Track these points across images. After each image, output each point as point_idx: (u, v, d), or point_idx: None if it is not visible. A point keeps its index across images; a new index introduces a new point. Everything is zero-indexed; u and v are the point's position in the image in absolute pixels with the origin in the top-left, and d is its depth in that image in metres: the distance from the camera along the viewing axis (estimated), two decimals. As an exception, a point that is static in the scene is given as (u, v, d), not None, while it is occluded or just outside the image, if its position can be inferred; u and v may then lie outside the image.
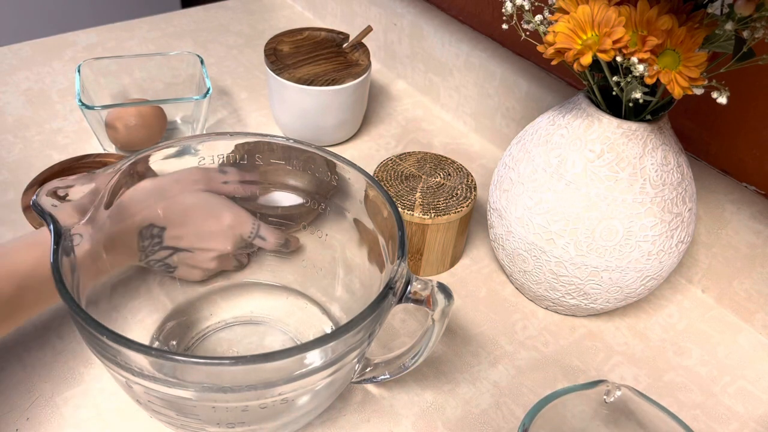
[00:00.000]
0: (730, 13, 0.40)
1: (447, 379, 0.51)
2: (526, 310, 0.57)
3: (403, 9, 0.80)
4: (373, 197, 0.46)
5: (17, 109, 0.74)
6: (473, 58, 0.73)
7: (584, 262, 0.50)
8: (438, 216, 0.55)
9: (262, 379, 0.36)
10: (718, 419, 0.50)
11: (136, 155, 0.45)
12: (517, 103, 0.70)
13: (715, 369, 0.54)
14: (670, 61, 0.42)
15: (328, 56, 0.71)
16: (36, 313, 0.46)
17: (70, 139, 0.71)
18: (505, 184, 0.53)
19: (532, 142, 0.52)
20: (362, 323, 0.37)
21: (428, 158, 0.61)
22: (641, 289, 0.52)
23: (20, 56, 0.83)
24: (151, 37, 0.89)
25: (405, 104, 0.82)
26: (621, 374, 0.53)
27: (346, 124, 0.72)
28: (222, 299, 0.54)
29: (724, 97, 0.41)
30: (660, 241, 0.49)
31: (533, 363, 0.53)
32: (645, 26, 0.41)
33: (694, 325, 0.57)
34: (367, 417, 0.48)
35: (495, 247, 0.57)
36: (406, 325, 0.55)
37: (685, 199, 0.50)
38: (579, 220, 0.49)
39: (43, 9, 1.66)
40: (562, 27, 0.42)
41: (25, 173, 0.66)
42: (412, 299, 0.41)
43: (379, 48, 0.86)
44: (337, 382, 0.41)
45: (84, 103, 0.63)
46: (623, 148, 0.47)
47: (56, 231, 0.39)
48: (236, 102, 0.79)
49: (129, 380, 0.36)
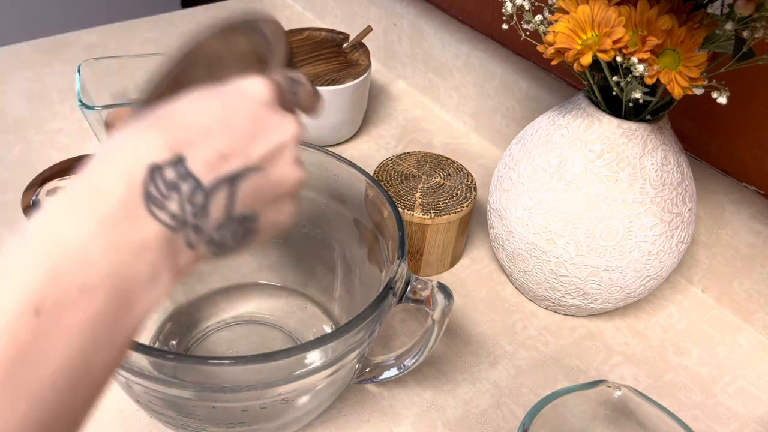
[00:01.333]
0: (730, 13, 0.40)
1: (447, 379, 0.51)
2: (526, 310, 0.57)
3: (403, 9, 0.80)
4: (373, 197, 0.46)
5: (17, 109, 0.74)
6: (473, 58, 0.73)
7: (584, 262, 0.50)
8: (438, 216, 0.55)
9: (262, 379, 0.36)
10: (718, 419, 0.50)
11: (136, 155, 0.45)
12: (517, 103, 0.70)
13: (715, 369, 0.54)
14: (670, 61, 0.42)
15: (328, 56, 0.71)
16: None
17: (70, 139, 0.71)
18: (505, 184, 0.53)
19: (532, 142, 0.52)
20: (362, 323, 0.37)
21: (428, 158, 0.61)
22: (641, 289, 0.52)
23: (20, 56, 0.83)
24: (152, 37, 0.89)
25: (405, 104, 0.82)
26: (621, 374, 0.53)
27: (346, 124, 0.72)
28: (222, 299, 0.54)
29: (724, 97, 0.41)
30: (660, 241, 0.49)
31: (533, 363, 0.53)
32: (645, 26, 0.41)
33: (694, 325, 0.57)
34: (367, 417, 0.48)
35: (495, 247, 0.57)
36: (406, 325, 0.55)
37: (685, 199, 0.50)
38: (579, 220, 0.49)
39: (43, 9, 1.67)
40: (562, 27, 0.42)
41: (25, 173, 0.66)
42: (412, 299, 0.41)
43: (379, 48, 0.86)
44: (337, 382, 0.41)
45: (84, 103, 0.63)
46: (623, 148, 0.47)
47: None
48: (236, 102, 0.79)
49: (129, 380, 0.36)
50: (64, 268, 0.24)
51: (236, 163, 0.28)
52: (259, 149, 0.29)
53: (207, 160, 0.27)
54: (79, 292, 0.24)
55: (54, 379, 0.23)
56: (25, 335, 0.22)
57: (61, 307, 0.23)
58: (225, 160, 0.27)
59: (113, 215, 0.25)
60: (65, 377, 0.23)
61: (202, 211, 0.27)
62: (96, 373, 0.24)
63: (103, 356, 0.24)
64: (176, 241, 0.27)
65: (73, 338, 0.23)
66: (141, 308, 0.25)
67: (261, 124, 0.29)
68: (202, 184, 0.27)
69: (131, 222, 0.25)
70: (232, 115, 0.29)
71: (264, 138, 0.29)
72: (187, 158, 0.27)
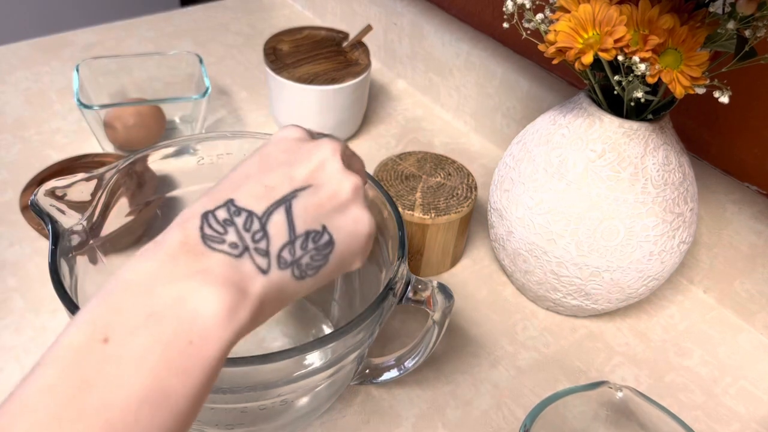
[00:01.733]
0: (732, 12, 0.40)
1: (447, 380, 0.51)
2: (526, 311, 0.57)
3: (403, 8, 0.80)
4: (373, 197, 0.45)
5: (16, 109, 0.74)
6: (473, 57, 0.73)
7: (585, 263, 0.49)
8: (438, 216, 0.55)
9: (261, 381, 0.35)
10: (719, 420, 0.50)
11: (135, 155, 0.45)
12: (517, 103, 0.70)
13: (717, 370, 0.54)
14: (671, 60, 0.41)
15: (327, 55, 0.71)
16: None
17: (69, 138, 0.71)
18: (506, 184, 0.53)
19: (532, 142, 0.52)
20: (362, 324, 0.37)
21: (428, 158, 0.61)
22: (642, 289, 0.52)
23: (19, 56, 0.83)
24: (150, 36, 0.89)
25: (405, 104, 0.81)
26: (622, 375, 0.53)
27: (345, 123, 0.72)
28: (221, 300, 0.53)
29: (726, 96, 0.41)
30: (661, 242, 0.49)
31: (534, 364, 0.53)
32: (646, 25, 0.41)
33: (695, 326, 0.57)
34: (367, 418, 0.48)
35: (495, 247, 0.57)
36: (406, 326, 0.55)
37: (687, 199, 0.49)
38: (580, 220, 0.48)
39: (42, 8, 1.66)
40: (563, 26, 0.42)
41: (23, 173, 0.65)
42: (413, 300, 0.41)
43: (379, 47, 0.86)
44: (336, 384, 0.41)
45: (82, 103, 0.63)
46: (625, 147, 0.47)
47: (54, 231, 0.39)
48: (235, 101, 0.79)
49: (127, 381, 0.36)
50: (131, 300, 0.25)
51: (284, 189, 0.30)
52: (301, 171, 0.31)
53: (256, 194, 0.30)
54: (146, 318, 0.25)
55: (128, 404, 0.23)
56: (94, 362, 0.23)
57: (129, 333, 0.24)
58: (272, 190, 0.30)
59: (174, 254, 0.27)
60: (139, 402, 0.23)
61: (261, 234, 0.29)
62: (175, 400, 0.24)
63: (181, 383, 0.25)
64: (243, 266, 0.28)
65: (144, 362, 0.24)
66: (216, 335, 0.26)
67: (297, 153, 0.32)
68: (255, 213, 0.29)
69: (192, 256, 0.27)
70: (270, 157, 0.32)
71: (303, 161, 0.32)
72: (235, 199, 0.29)
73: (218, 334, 0.26)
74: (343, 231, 0.31)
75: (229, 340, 0.26)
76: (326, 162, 0.32)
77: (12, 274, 0.55)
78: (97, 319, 0.25)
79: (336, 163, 0.32)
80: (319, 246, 0.30)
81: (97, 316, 0.25)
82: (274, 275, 0.29)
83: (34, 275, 0.56)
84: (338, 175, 0.32)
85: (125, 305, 0.25)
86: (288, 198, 0.30)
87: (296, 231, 0.30)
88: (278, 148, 0.32)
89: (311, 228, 0.30)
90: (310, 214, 0.30)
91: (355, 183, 0.32)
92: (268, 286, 0.28)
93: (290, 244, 0.29)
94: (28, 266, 0.56)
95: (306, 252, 0.30)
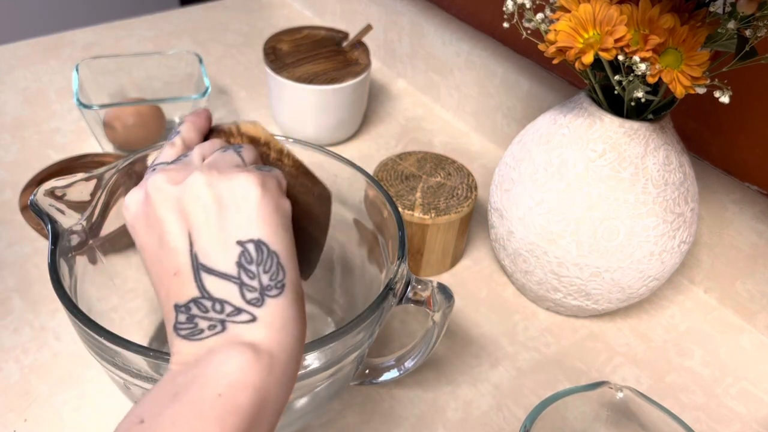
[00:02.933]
0: (733, 11, 0.40)
1: (447, 380, 0.51)
2: (527, 311, 0.57)
3: (403, 7, 0.79)
4: (373, 197, 0.45)
5: (15, 109, 0.74)
6: (474, 56, 0.73)
7: (586, 263, 0.49)
8: (438, 216, 0.55)
9: (261, 381, 0.35)
10: (720, 420, 0.50)
11: (135, 155, 0.45)
12: (518, 103, 0.70)
13: (718, 370, 0.54)
14: (672, 60, 0.41)
15: (327, 55, 0.71)
16: None
17: (68, 138, 0.70)
18: (506, 183, 0.53)
19: (533, 142, 0.52)
20: (362, 324, 0.36)
21: (428, 158, 0.61)
22: (643, 289, 0.51)
23: (18, 55, 0.83)
24: (150, 36, 0.89)
25: (405, 103, 0.81)
26: (623, 375, 0.53)
27: (345, 123, 0.72)
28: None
29: (727, 96, 0.41)
30: (662, 242, 0.49)
31: (534, 364, 0.53)
32: (647, 25, 0.41)
33: (696, 326, 0.57)
34: (367, 419, 0.48)
35: (496, 247, 0.57)
36: (406, 326, 0.55)
37: (688, 199, 0.49)
38: (581, 220, 0.48)
39: (41, 8, 1.66)
40: (563, 25, 0.42)
41: (23, 173, 0.65)
42: (413, 300, 0.41)
43: (379, 47, 0.86)
44: (336, 384, 0.41)
45: (82, 103, 0.63)
46: (625, 147, 0.47)
47: (54, 231, 0.39)
48: (235, 101, 0.79)
49: (127, 381, 0.36)
50: (157, 389, 0.28)
51: (185, 258, 0.31)
52: (172, 228, 0.31)
53: (180, 285, 0.30)
54: (172, 397, 0.27)
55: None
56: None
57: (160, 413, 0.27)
58: (180, 271, 0.31)
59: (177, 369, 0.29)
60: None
61: (216, 303, 0.30)
62: None
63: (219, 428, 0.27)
64: (233, 331, 0.30)
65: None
66: (243, 382, 0.28)
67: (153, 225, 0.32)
68: (196, 298, 0.30)
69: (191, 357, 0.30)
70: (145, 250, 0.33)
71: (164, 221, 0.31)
72: (177, 302, 0.31)
73: (246, 380, 0.27)
74: (255, 220, 0.30)
75: (262, 381, 0.28)
76: (169, 197, 0.31)
77: (11, 274, 0.55)
78: (134, 409, 0.27)
79: (169, 187, 0.31)
80: (258, 260, 0.30)
81: (135, 408, 0.27)
82: (260, 314, 0.29)
83: (34, 275, 0.55)
84: (192, 190, 0.30)
85: (154, 393, 0.28)
86: (196, 265, 0.30)
87: (233, 274, 0.30)
88: (139, 232, 0.32)
89: (237, 258, 0.30)
90: (220, 244, 0.30)
91: (206, 174, 0.31)
92: (265, 324, 0.29)
93: (242, 286, 0.30)
94: (28, 266, 0.56)
95: (255, 276, 0.30)
